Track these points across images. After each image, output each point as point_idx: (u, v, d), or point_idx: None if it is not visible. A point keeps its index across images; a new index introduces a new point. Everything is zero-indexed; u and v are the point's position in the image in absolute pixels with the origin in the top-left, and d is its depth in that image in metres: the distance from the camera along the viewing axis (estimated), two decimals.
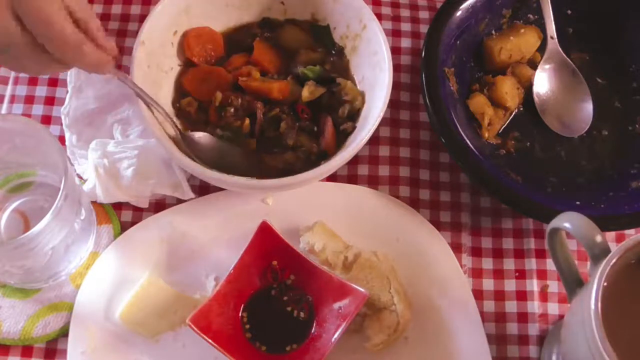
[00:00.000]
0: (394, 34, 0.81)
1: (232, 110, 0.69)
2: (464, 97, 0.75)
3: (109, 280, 0.66)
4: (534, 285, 0.70)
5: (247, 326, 0.65)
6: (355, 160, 0.74)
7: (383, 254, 0.68)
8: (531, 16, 0.80)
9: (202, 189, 0.72)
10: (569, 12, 0.80)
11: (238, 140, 0.69)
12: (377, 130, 0.67)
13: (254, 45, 0.73)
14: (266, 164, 0.68)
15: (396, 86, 0.77)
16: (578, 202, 0.69)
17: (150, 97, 0.64)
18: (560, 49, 0.77)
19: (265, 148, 0.69)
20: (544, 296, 0.70)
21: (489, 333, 0.67)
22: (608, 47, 0.80)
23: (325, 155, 0.68)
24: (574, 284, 0.59)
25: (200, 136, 0.68)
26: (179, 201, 0.71)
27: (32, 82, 0.76)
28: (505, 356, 0.67)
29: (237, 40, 0.75)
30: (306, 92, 0.70)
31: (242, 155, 0.68)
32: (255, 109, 0.69)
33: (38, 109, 0.75)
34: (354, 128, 0.70)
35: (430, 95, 0.70)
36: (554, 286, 0.70)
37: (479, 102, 0.74)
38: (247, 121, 0.69)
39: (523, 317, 0.69)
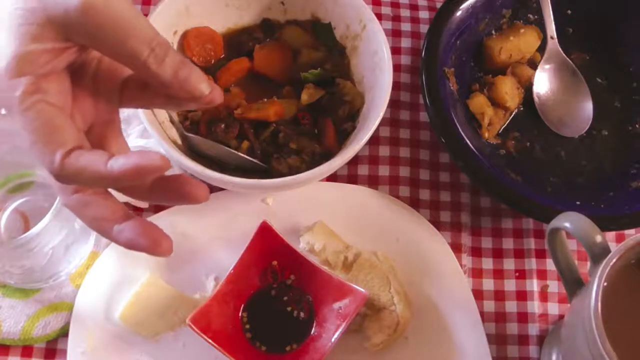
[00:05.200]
0: (394, 34, 0.81)
1: (222, 126, 0.68)
2: (464, 97, 0.75)
3: (109, 280, 0.66)
4: (534, 285, 0.70)
5: (247, 326, 0.65)
6: (355, 160, 0.74)
7: (383, 254, 0.69)
8: (531, 16, 0.80)
9: None
10: (569, 12, 0.80)
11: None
12: (377, 130, 0.67)
13: (254, 54, 0.73)
14: (272, 168, 0.68)
15: (396, 86, 0.77)
16: (578, 202, 0.69)
17: None
18: (560, 49, 0.77)
19: (269, 155, 0.69)
20: (544, 296, 0.70)
21: (489, 333, 0.67)
22: (608, 47, 0.80)
23: (329, 155, 0.68)
24: (574, 284, 0.59)
25: (202, 138, 0.68)
26: None
27: None
28: (505, 356, 0.67)
29: (238, 42, 0.74)
30: (305, 96, 0.70)
31: (245, 157, 0.68)
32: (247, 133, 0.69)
33: None
34: (354, 128, 0.70)
35: (430, 95, 0.70)
36: (554, 286, 0.70)
37: (479, 102, 0.74)
38: (246, 144, 0.69)
39: (523, 317, 0.69)
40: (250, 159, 0.67)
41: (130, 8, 0.41)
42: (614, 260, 0.51)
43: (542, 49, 0.78)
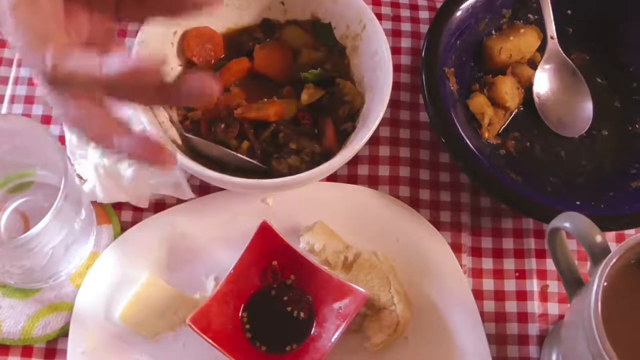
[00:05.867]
0: (394, 34, 0.81)
1: (222, 126, 0.68)
2: (464, 97, 0.75)
3: (109, 280, 0.66)
4: (534, 285, 0.70)
5: (247, 326, 0.65)
6: (355, 160, 0.74)
7: (383, 254, 0.69)
8: (531, 16, 0.80)
9: (202, 189, 0.72)
10: (569, 12, 0.80)
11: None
12: (377, 130, 0.67)
13: (254, 54, 0.73)
14: (271, 168, 0.68)
15: (396, 86, 0.77)
16: (578, 202, 0.69)
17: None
18: (560, 49, 0.77)
19: (269, 155, 0.69)
20: (544, 296, 0.70)
21: (489, 333, 0.67)
22: (608, 47, 0.80)
23: (329, 155, 0.68)
24: (574, 284, 0.59)
25: (200, 139, 0.68)
26: (179, 201, 0.71)
27: (32, 82, 0.76)
28: (505, 356, 0.67)
29: (238, 42, 0.74)
30: (305, 96, 0.70)
31: (244, 159, 0.67)
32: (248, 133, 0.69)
33: (38, 109, 0.75)
34: (354, 128, 0.70)
35: (430, 95, 0.70)
36: (554, 286, 0.70)
37: (479, 102, 0.74)
38: (246, 144, 0.69)
39: (523, 317, 0.69)
40: (250, 160, 0.67)
41: None
42: (614, 260, 0.51)
43: (542, 49, 0.78)
